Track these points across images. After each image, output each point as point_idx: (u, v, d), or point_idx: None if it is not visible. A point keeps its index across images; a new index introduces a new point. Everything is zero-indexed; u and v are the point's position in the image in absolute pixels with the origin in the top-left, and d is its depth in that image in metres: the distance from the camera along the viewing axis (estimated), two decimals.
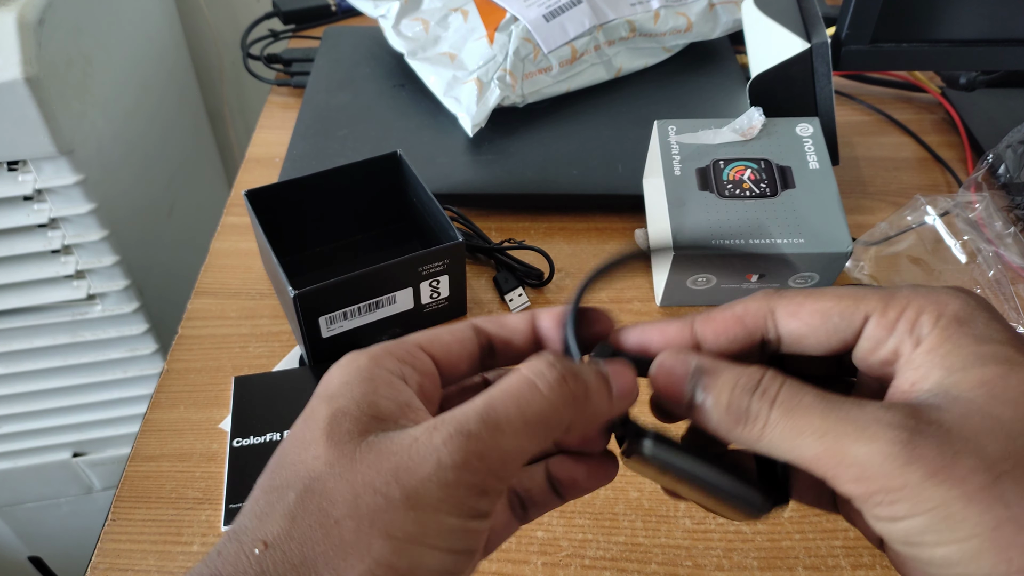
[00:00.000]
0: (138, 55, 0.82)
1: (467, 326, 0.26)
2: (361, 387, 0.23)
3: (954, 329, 0.21)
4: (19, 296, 0.70)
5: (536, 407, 0.21)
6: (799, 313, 0.24)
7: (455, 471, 0.20)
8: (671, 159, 0.53)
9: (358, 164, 0.53)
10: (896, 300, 0.22)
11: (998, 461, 0.19)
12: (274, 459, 0.23)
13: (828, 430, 0.20)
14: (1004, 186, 0.62)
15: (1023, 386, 0.20)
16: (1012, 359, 0.20)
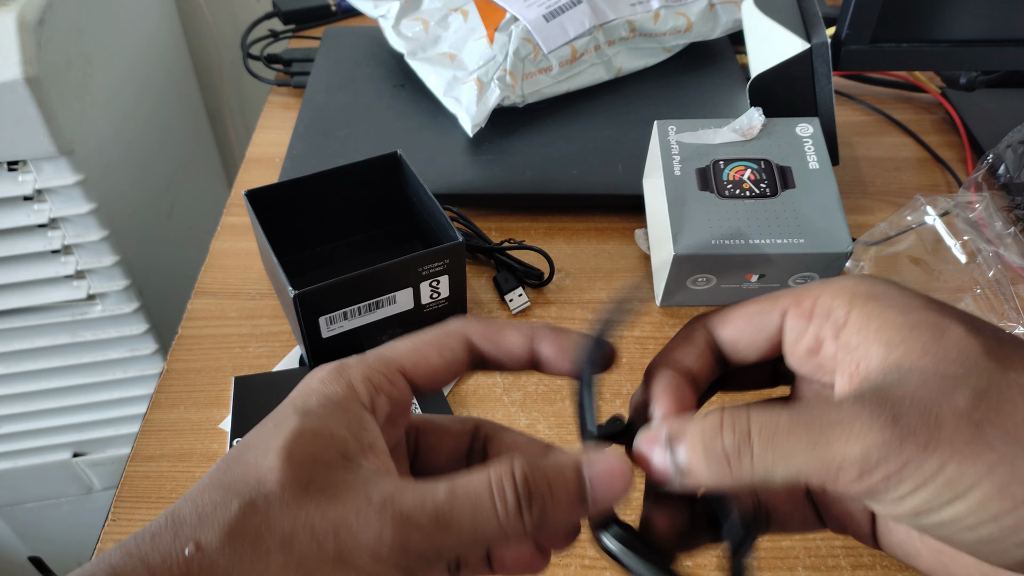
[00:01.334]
0: (138, 55, 0.82)
1: (460, 343, 0.26)
2: (334, 416, 0.23)
3: (873, 305, 0.22)
4: (19, 296, 0.70)
5: (489, 527, 0.21)
6: (727, 321, 0.25)
7: (391, 551, 0.20)
8: (671, 159, 0.53)
9: (358, 164, 0.53)
10: (807, 292, 0.24)
11: (971, 412, 0.20)
12: (236, 449, 0.23)
13: (816, 441, 0.21)
14: (1004, 186, 0.62)
15: (960, 342, 0.21)
16: (939, 322, 0.22)
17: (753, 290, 0.53)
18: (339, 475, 0.22)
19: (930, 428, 0.20)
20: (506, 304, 0.55)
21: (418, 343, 0.26)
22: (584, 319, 0.54)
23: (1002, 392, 0.20)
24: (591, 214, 0.62)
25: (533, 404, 0.49)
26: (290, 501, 0.21)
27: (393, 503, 0.21)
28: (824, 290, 0.23)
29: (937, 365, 0.21)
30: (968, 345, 0.21)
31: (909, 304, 0.22)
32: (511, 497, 0.22)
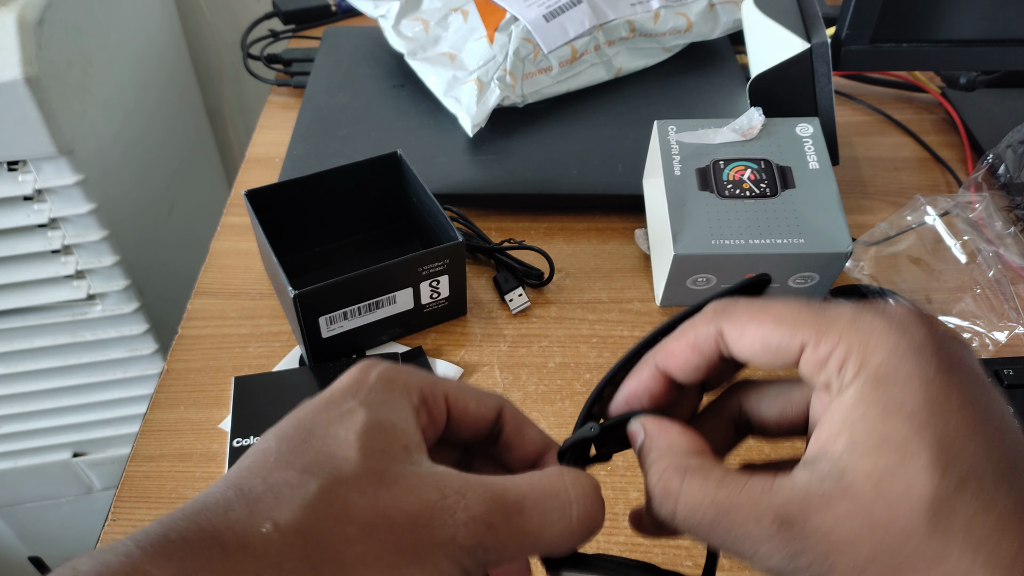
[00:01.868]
0: (138, 55, 0.82)
1: (493, 408, 0.26)
2: (398, 410, 0.23)
3: (869, 391, 0.21)
4: (19, 296, 0.70)
5: (558, 531, 0.22)
6: (742, 339, 0.23)
7: (462, 551, 0.21)
8: (671, 159, 0.53)
9: (358, 164, 0.53)
10: (829, 334, 0.22)
11: (866, 567, 0.20)
12: (294, 432, 0.22)
13: (718, 517, 0.21)
14: (1004, 186, 0.62)
15: (905, 481, 0.20)
16: (906, 446, 0.20)
17: None
18: (407, 468, 0.22)
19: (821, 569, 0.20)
20: (506, 304, 0.55)
21: (464, 385, 0.26)
22: (584, 319, 0.54)
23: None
24: (591, 214, 0.62)
25: (533, 404, 0.49)
26: (367, 490, 0.21)
27: (467, 504, 0.21)
28: (844, 338, 0.22)
29: (870, 500, 0.20)
30: (910, 503, 0.20)
31: (898, 403, 0.20)
32: (586, 506, 0.22)
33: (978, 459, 0.20)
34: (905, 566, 0.19)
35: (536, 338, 0.53)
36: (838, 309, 0.22)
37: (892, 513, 0.20)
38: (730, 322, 0.24)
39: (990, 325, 0.52)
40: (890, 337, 0.21)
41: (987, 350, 0.52)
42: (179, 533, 0.20)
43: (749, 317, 0.23)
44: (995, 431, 0.20)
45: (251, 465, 0.21)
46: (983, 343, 0.52)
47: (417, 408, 0.24)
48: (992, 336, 0.52)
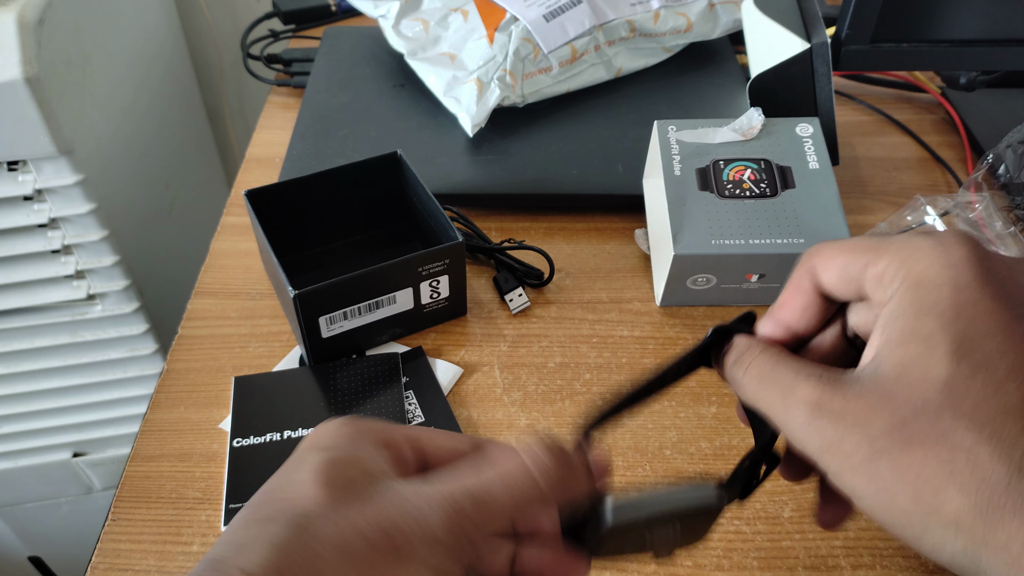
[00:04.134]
0: (138, 55, 0.82)
1: (469, 443, 0.27)
2: (352, 445, 0.24)
3: (908, 294, 0.23)
4: (19, 296, 0.70)
5: (527, 493, 0.24)
6: (828, 271, 0.26)
7: (445, 533, 0.22)
8: (671, 159, 0.53)
9: (358, 164, 0.53)
10: (886, 253, 0.24)
11: (879, 437, 0.22)
12: (256, 498, 0.23)
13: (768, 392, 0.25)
14: (1004, 186, 0.62)
15: (924, 367, 0.22)
16: (931, 339, 0.22)
17: (753, 290, 0.53)
18: (372, 487, 0.23)
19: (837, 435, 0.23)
20: (506, 304, 0.55)
21: (430, 429, 0.27)
22: (584, 319, 0.54)
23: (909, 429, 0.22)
24: (591, 214, 0.62)
25: (533, 404, 0.49)
26: (331, 514, 0.21)
27: (429, 496, 0.22)
28: (895, 254, 0.24)
29: (893, 384, 0.23)
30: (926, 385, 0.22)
31: (932, 303, 0.23)
32: (546, 462, 0.24)
33: (995, 354, 0.22)
34: (915, 439, 0.22)
35: (536, 338, 0.53)
36: (896, 237, 0.25)
37: (909, 393, 0.22)
38: (819, 257, 0.26)
39: None
40: (932, 252, 0.23)
41: None
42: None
43: (834, 251, 0.26)
44: (1020, 335, 0.22)
45: (223, 540, 0.22)
46: None
47: (378, 447, 0.25)
48: None
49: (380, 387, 0.49)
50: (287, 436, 0.46)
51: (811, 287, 0.26)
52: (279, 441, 0.46)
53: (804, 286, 0.27)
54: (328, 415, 0.47)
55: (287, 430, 0.46)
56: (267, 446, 0.46)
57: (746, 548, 0.42)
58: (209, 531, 0.43)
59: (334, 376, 0.49)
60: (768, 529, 0.43)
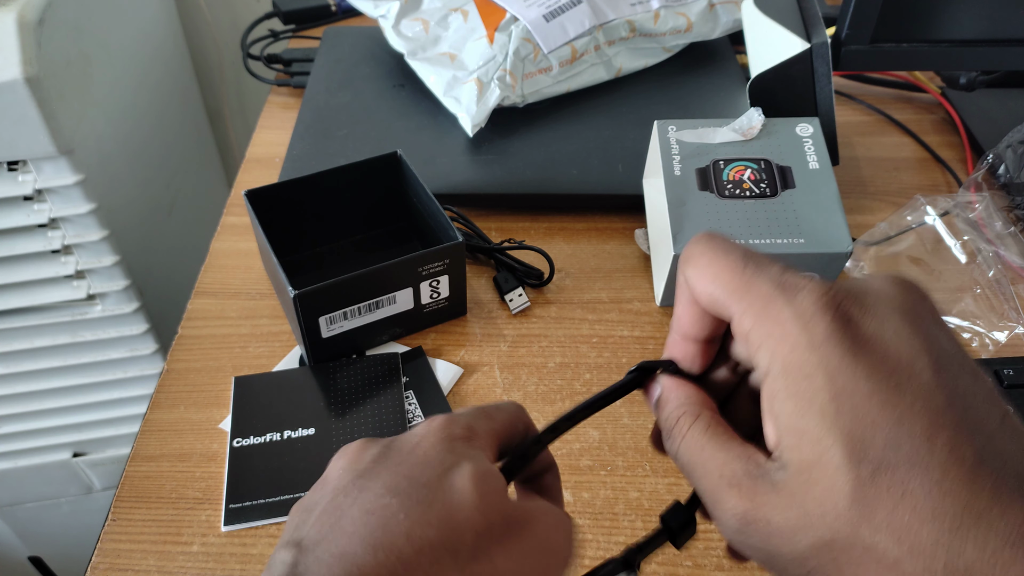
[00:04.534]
0: (138, 55, 0.82)
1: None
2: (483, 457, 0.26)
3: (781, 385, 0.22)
4: (19, 296, 0.70)
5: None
6: (698, 286, 0.25)
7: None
8: (671, 159, 0.53)
9: (358, 164, 0.53)
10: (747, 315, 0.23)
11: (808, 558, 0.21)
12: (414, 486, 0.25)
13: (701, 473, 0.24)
14: (1004, 186, 0.62)
15: (826, 478, 0.21)
16: (821, 442, 0.21)
17: None
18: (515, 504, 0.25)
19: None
20: (506, 304, 0.55)
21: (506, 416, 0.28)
22: (584, 319, 0.54)
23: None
24: (591, 214, 0.62)
25: (533, 404, 0.49)
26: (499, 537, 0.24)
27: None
28: (758, 326, 0.23)
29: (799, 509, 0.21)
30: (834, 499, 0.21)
31: (812, 399, 0.21)
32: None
33: (889, 448, 0.20)
34: (842, 559, 0.20)
35: (536, 338, 0.53)
36: (760, 282, 0.23)
37: (822, 509, 0.21)
38: (690, 270, 0.25)
39: (990, 325, 0.52)
40: (792, 329, 0.22)
41: (987, 350, 0.52)
42: None
43: (702, 266, 0.24)
44: (908, 407, 0.20)
45: (382, 525, 0.22)
46: (983, 343, 0.52)
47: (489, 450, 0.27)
48: (992, 336, 0.52)
49: (380, 387, 0.49)
50: (287, 436, 0.46)
51: (692, 298, 0.25)
52: (279, 441, 0.46)
53: (686, 297, 0.25)
54: (328, 415, 0.47)
55: (287, 430, 0.46)
56: (267, 446, 0.46)
57: None
58: (209, 531, 0.43)
59: (334, 376, 0.49)
60: None
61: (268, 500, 0.43)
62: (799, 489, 0.21)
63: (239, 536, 0.43)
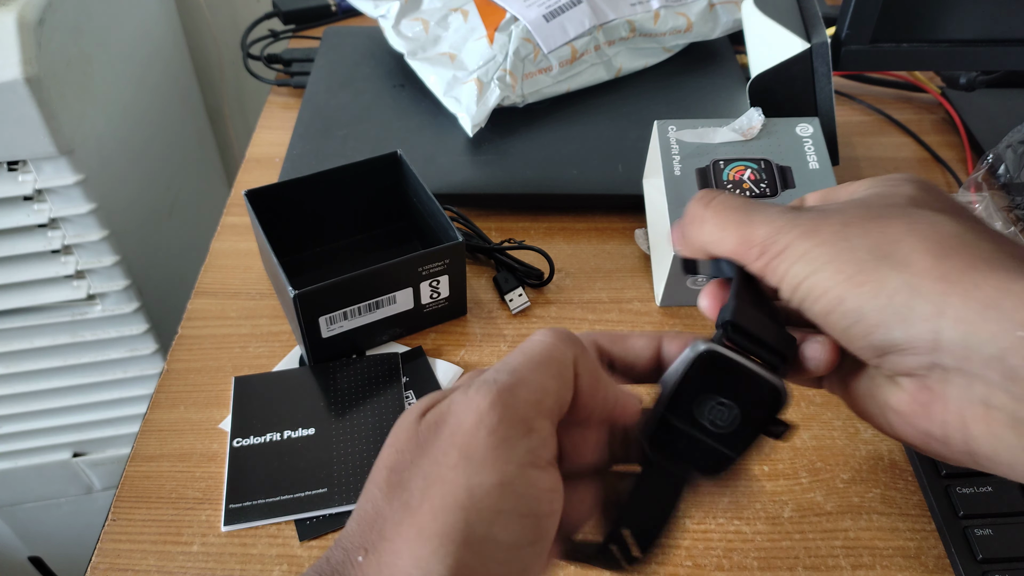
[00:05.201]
0: (138, 55, 0.82)
1: (592, 344, 0.29)
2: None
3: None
4: (19, 296, 0.70)
5: (537, 349, 0.24)
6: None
7: (492, 412, 0.22)
8: (671, 159, 0.53)
9: (358, 164, 0.53)
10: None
11: (854, 219, 0.26)
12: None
13: (742, 221, 0.28)
14: (1004, 186, 0.62)
15: (906, 190, 0.27)
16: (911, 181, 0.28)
17: None
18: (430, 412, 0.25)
19: (815, 222, 0.26)
20: (506, 304, 0.55)
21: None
22: (584, 319, 0.54)
23: (894, 215, 0.25)
24: (591, 214, 0.62)
25: None
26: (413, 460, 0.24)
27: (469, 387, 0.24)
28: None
29: (870, 195, 0.27)
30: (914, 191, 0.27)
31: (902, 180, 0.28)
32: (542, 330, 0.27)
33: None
34: (881, 215, 0.26)
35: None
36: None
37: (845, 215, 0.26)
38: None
39: None
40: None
41: None
42: None
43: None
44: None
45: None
46: None
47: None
48: None
49: (380, 387, 0.49)
50: (287, 436, 0.46)
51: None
52: (279, 441, 0.46)
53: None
54: (328, 415, 0.47)
55: (287, 430, 0.46)
56: (267, 446, 0.46)
57: (746, 548, 0.42)
58: (209, 531, 0.43)
59: (334, 376, 0.49)
60: (768, 529, 0.43)
61: (268, 500, 0.43)
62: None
63: (239, 536, 0.43)
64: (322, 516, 0.43)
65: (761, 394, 0.26)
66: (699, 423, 0.26)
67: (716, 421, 0.26)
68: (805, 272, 0.25)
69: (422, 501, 0.21)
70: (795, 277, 0.26)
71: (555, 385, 0.24)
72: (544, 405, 0.23)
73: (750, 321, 0.27)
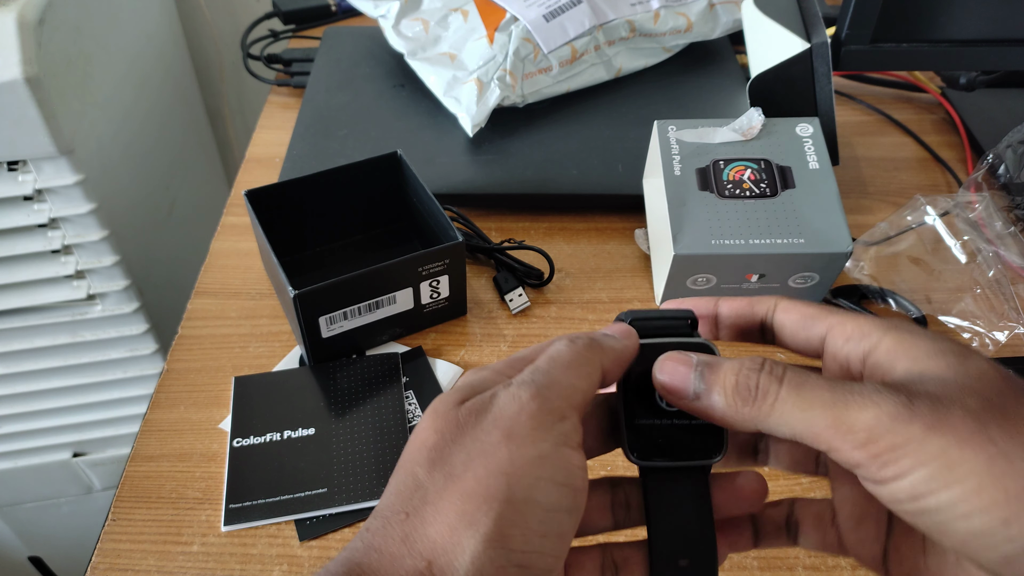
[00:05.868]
0: (138, 55, 0.82)
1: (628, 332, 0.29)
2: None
3: (905, 335, 0.24)
4: (19, 296, 0.70)
5: (566, 355, 0.26)
6: (790, 311, 0.28)
7: (533, 402, 0.24)
8: (671, 159, 0.53)
9: (358, 164, 0.53)
10: (851, 318, 0.26)
11: (981, 412, 0.21)
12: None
13: (835, 401, 0.23)
14: (1004, 186, 0.62)
15: (981, 368, 0.23)
16: (963, 352, 0.23)
17: (753, 290, 0.53)
18: (471, 401, 0.26)
19: (939, 415, 0.21)
20: (506, 304, 0.55)
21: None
22: (584, 319, 0.54)
23: (1012, 407, 0.22)
24: (591, 214, 0.62)
25: None
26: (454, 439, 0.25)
27: (511, 384, 0.25)
28: (866, 318, 0.26)
29: (958, 378, 0.22)
30: (988, 369, 0.23)
31: (936, 338, 0.24)
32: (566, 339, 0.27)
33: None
34: (1014, 412, 0.22)
35: (536, 338, 0.53)
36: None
37: (978, 383, 0.22)
38: (785, 301, 0.28)
39: (990, 325, 0.52)
40: (900, 321, 0.25)
41: (987, 350, 0.52)
42: None
43: (793, 302, 0.28)
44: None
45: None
46: (983, 343, 0.52)
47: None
48: (992, 336, 0.52)
49: (380, 387, 0.49)
50: (287, 436, 0.46)
51: (761, 311, 0.28)
52: (279, 441, 0.46)
53: (759, 308, 0.28)
54: (328, 415, 0.47)
55: (287, 430, 0.46)
56: (267, 446, 0.46)
57: None
58: (209, 531, 0.43)
59: (334, 376, 0.49)
60: None
61: (268, 500, 0.43)
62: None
63: (239, 536, 0.43)
64: (322, 516, 0.43)
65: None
66: (662, 410, 0.27)
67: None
68: (942, 478, 0.21)
69: (465, 471, 0.23)
70: (924, 482, 0.21)
71: (584, 384, 0.25)
72: (574, 400, 0.25)
73: (646, 312, 0.29)
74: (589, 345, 0.26)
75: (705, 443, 0.27)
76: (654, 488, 0.27)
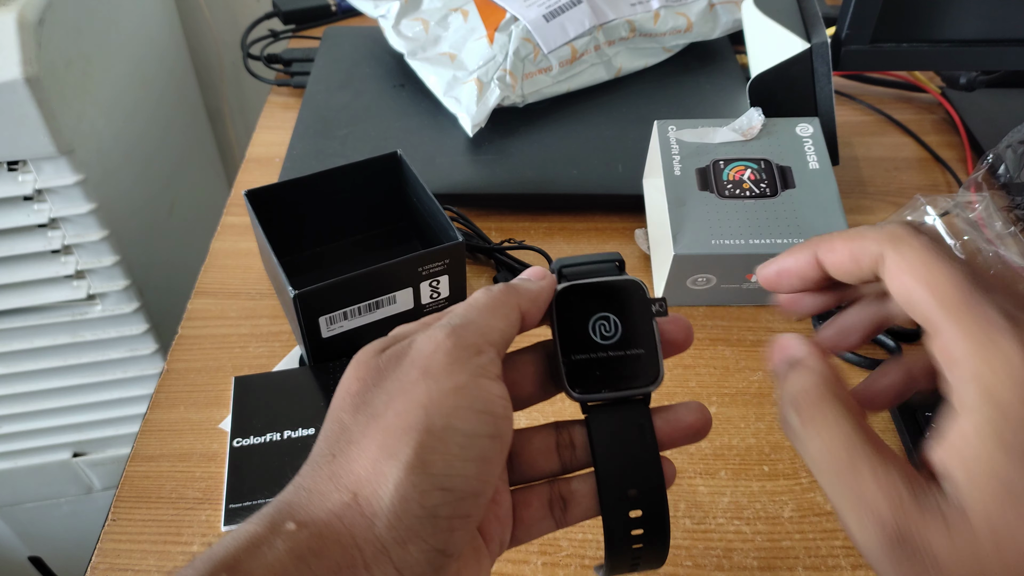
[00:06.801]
0: (138, 55, 0.82)
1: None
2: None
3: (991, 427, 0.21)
4: (19, 296, 0.70)
5: (482, 299, 0.27)
6: (832, 250, 0.26)
7: (448, 340, 0.25)
8: (671, 159, 0.53)
9: (358, 164, 0.53)
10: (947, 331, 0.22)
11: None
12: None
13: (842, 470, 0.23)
14: (1004, 186, 0.62)
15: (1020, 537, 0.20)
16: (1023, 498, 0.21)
17: (753, 290, 0.53)
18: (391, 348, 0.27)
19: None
20: None
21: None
22: None
23: None
24: (591, 214, 0.62)
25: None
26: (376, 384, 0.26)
27: (428, 326, 0.26)
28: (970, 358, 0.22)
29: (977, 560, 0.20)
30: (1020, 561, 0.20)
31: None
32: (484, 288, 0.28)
33: None
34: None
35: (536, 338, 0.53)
36: (988, 310, 0.21)
37: (1004, 566, 0.20)
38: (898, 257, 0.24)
39: None
40: (1006, 360, 0.20)
41: None
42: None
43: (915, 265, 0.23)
44: None
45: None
46: None
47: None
48: None
49: None
50: (287, 436, 0.46)
51: (811, 256, 0.26)
52: (279, 441, 0.46)
53: (804, 254, 0.27)
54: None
55: (287, 430, 0.46)
56: (267, 446, 0.46)
57: (746, 548, 0.42)
58: (209, 531, 0.43)
59: (334, 376, 0.49)
60: (768, 529, 0.43)
61: (268, 500, 0.43)
62: (983, 541, 0.20)
63: None
64: None
65: (623, 293, 0.28)
66: (596, 344, 0.28)
67: (605, 333, 0.28)
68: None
69: (386, 409, 0.24)
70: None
71: (501, 324, 0.27)
72: (491, 337, 0.26)
73: (575, 258, 0.29)
74: (505, 290, 0.27)
75: (643, 371, 0.27)
76: (597, 422, 0.27)
